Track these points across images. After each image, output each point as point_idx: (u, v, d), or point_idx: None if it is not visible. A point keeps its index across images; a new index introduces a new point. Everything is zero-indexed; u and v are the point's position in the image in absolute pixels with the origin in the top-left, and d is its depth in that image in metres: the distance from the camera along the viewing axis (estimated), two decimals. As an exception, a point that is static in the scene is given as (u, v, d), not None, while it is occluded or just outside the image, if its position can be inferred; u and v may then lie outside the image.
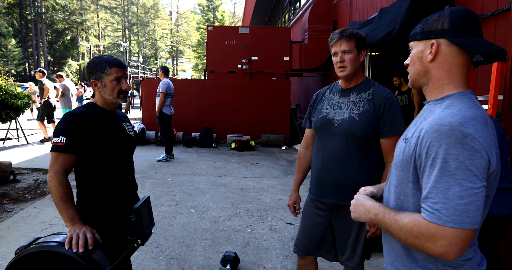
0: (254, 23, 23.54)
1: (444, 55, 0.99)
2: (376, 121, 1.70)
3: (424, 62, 1.02)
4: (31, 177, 5.19)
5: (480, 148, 0.85)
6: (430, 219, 0.86)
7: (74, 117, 1.55)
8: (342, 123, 1.74)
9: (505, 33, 3.30)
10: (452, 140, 0.85)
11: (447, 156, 0.85)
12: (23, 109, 5.47)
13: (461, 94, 0.97)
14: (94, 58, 1.65)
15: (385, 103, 1.70)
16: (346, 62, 1.72)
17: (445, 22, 0.98)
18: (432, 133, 0.89)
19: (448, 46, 0.98)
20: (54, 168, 1.50)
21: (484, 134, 0.87)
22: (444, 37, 0.97)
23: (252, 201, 4.41)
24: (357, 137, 1.71)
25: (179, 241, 3.23)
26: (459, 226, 0.82)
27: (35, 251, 1.36)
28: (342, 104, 1.79)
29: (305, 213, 1.97)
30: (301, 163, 2.03)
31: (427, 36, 1.00)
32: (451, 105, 0.95)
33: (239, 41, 8.99)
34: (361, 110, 1.72)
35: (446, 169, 0.85)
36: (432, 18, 1.02)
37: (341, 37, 1.71)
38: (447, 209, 0.83)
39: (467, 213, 0.82)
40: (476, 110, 0.91)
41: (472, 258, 0.95)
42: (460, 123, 0.86)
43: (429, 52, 1.00)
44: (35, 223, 3.54)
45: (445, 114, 0.91)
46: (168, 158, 6.58)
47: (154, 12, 56.01)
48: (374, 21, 5.37)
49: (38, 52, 40.75)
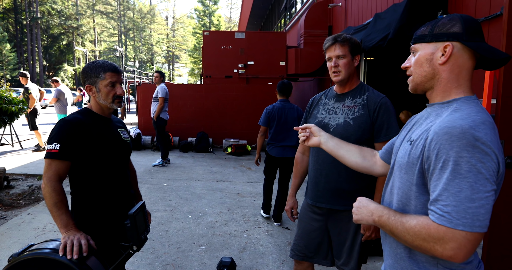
0: (250, 28, 23.66)
1: (456, 58, 0.98)
2: (371, 125, 1.72)
3: (434, 64, 1.00)
4: (25, 183, 5.14)
5: (490, 151, 0.85)
6: (440, 222, 0.85)
7: (68, 123, 1.54)
8: (337, 127, 1.76)
9: (497, 38, 3.35)
10: (464, 142, 0.85)
11: (459, 159, 0.85)
12: (17, 115, 5.44)
13: (467, 98, 0.98)
14: (89, 63, 1.65)
15: (379, 108, 1.72)
16: (340, 67, 1.74)
17: (457, 25, 0.97)
18: (443, 136, 0.88)
19: (461, 50, 0.97)
20: (48, 174, 1.50)
21: (492, 138, 0.87)
22: (459, 41, 0.97)
23: (248, 205, 4.39)
24: (352, 142, 1.72)
25: (175, 246, 3.21)
26: (469, 229, 0.82)
27: (28, 258, 1.35)
28: (337, 109, 1.81)
29: (302, 217, 1.97)
30: (298, 168, 2.04)
31: (439, 38, 0.99)
32: (459, 108, 0.94)
33: (235, 46, 9.02)
34: (356, 115, 1.74)
35: (458, 172, 0.84)
36: (441, 21, 1.01)
37: (335, 42, 1.73)
38: (458, 212, 0.83)
39: (477, 217, 0.82)
40: (483, 115, 0.92)
41: (472, 261, 0.96)
42: (471, 127, 0.86)
43: (441, 54, 0.99)
44: (29, 229, 3.50)
45: (454, 117, 0.91)
46: (164, 163, 6.55)
47: (150, 17, 56.11)
48: (369, 26, 5.42)
49: (33, 57, 40.58)
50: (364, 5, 6.75)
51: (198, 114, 8.84)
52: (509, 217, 2.05)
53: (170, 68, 60.43)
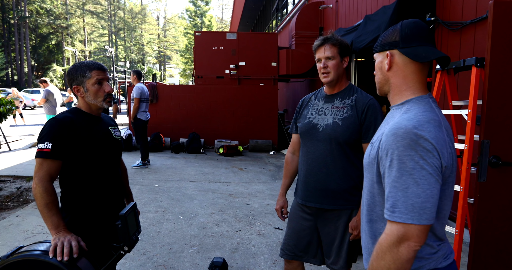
0: (242, 29, 23.67)
1: (398, 64, 1.09)
2: (359, 126, 1.75)
3: (383, 71, 1.13)
4: (13, 185, 5.06)
5: (432, 148, 0.93)
6: (392, 218, 0.93)
7: (60, 122, 1.52)
8: (326, 128, 1.78)
9: (483, 40, 3.42)
10: (407, 142, 0.94)
11: (403, 157, 0.93)
12: (5, 115, 5.36)
13: (418, 99, 1.07)
14: (73, 65, 1.64)
15: (367, 109, 1.76)
16: (329, 68, 1.77)
17: (396, 34, 1.09)
18: (390, 137, 0.97)
19: (400, 56, 1.08)
20: (39, 174, 1.48)
21: (436, 135, 0.95)
22: (396, 48, 1.08)
23: (240, 206, 4.40)
24: (341, 142, 1.76)
25: (166, 248, 3.20)
26: (417, 222, 0.90)
27: (18, 260, 1.33)
28: (326, 109, 1.83)
29: (292, 217, 1.98)
30: (288, 168, 2.06)
31: (383, 48, 1.12)
32: (409, 109, 1.04)
33: (226, 47, 9.02)
34: (345, 115, 1.77)
35: (403, 169, 0.93)
36: (388, 31, 1.13)
37: (324, 44, 1.76)
38: (407, 207, 0.91)
39: (424, 210, 0.91)
40: (430, 114, 1.00)
41: (437, 252, 1.04)
42: (414, 126, 0.95)
43: (386, 62, 1.11)
44: (18, 232, 3.45)
45: (402, 119, 1.00)
46: (143, 164, 6.40)
47: (142, 17, 55.70)
48: (360, 28, 5.48)
49: (21, 56, 39.90)
50: (354, 6, 6.82)
51: (189, 114, 8.81)
52: (499, 215, 2.10)
53: (161, 69, 60.06)
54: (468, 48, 3.66)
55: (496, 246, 2.11)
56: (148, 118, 6.41)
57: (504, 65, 2.04)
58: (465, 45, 3.71)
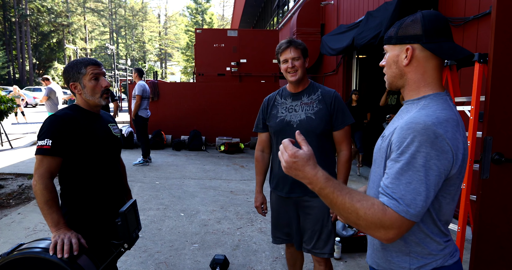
0: (243, 26, 23.60)
1: (419, 60, 1.03)
2: (329, 117, 1.93)
3: (400, 66, 1.06)
4: (15, 183, 5.07)
5: (448, 149, 0.90)
6: (389, 204, 0.90)
7: (59, 119, 1.52)
8: (301, 123, 1.93)
9: (486, 36, 3.39)
10: (424, 138, 0.90)
11: (416, 153, 0.90)
12: (6, 113, 5.36)
13: (436, 95, 1.02)
14: (68, 63, 1.65)
15: (334, 101, 1.93)
16: (297, 67, 1.91)
17: (418, 27, 1.01)
18: (406, 130, 0.93)
19: (422, 51, 1.02)
20: (39, 171, 1.47)
21: (453, 135, 0.92)
22: (419, 43, 1.01)
23: (241, 203, 4.40)
24: (317, 134, 1.92)
25: (168, 245, 3.20)
26: (409, 218, 0.89)
27: (18, 258, 1.33)
28: (296, 106, 1.97)
29: (273, 207, 2.14)
30: (261, 166, 2.18)
31: (402, 41, 1.04)
32: (426, 105, 0.99)
33: (227, 44, 9.00)
34: (315, 109, 1.93)
35: (412, 165, 0.90)
36: (405, 22, 1.04)
37: (290, 46, 1.91)
38: (405, 200, 0.89)
39: (418, 207, 0.89)
40: (449, 112, 0.96)
41: (444, 249, 1.02)
42: (434, 123, 0.91)
43: (404, 56, 1.04)
44: (19, 229, 3.46)
45: (420, 114, 0.95)
46: (145, 162, 6.42)
47: (142, 15, 55.59)
48: (361, 24, 5.45)
49: (22, 54, 39.94)
50: (356, 3, 6.78)
51: (191, 112, 8.80)
52: (502, 212, 2.09)
53: (162, 66, 60.02)
54: (471, 44, 3.63)
55: (498, 243, 2.09)
56: (148, 116, 6.44)
57: (508, 61, 2.01)
58: (467, 41, 3.68)
